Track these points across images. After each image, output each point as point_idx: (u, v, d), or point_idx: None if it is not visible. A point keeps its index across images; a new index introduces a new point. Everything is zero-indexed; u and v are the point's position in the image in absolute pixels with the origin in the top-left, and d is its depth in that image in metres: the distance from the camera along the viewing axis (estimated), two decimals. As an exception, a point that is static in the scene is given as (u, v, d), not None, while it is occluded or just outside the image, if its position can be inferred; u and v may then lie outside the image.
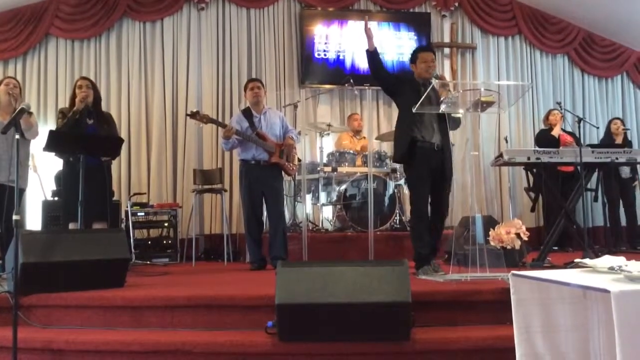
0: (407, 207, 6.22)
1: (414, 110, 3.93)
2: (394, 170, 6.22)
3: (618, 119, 7.13)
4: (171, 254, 6.11)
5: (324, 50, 7.54)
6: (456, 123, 4.29)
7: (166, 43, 7.13)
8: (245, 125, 5.12)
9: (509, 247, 3.71)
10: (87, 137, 4.43)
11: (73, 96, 4.65)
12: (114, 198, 5.82)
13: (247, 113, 5.22)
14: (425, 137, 4.19)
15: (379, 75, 4.38)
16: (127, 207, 6.02)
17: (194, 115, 5.08)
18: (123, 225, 5.94)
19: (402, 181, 6.26)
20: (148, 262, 5.74)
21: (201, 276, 4.73)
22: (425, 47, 4.98)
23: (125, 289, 3.65)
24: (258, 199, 5.10)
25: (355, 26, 7.63)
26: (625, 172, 6.74)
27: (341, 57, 7.58)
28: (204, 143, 7.04)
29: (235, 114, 5.76)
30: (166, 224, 6.22)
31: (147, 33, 7.13)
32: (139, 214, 6.12)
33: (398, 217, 6.20)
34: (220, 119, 6.55)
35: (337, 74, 7.40)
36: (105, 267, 3.63)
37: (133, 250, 5.73)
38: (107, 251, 3.70)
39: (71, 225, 4.35)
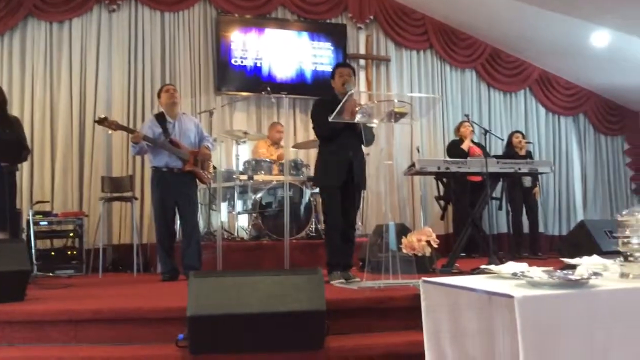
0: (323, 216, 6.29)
1: (330, 119, 3.96)
2: (310, 179, 6.25)
3: (519, 132, 7.52)
4: (76, 265, 5.80)
5: (242, 57, 7.47)
6: (370, 140, 4.37)
7: (74, 45, 6.79)
8: (158, 131, 4.97)
9: (420, 254, 3.81)
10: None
11: None
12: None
13: (160, 118, 5.06)
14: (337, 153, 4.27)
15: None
16: (29, 215, 5.67)
17: (102, 121, 4.87)
18: (24, 235, 5.58)
19: (317, 189, 6.29)
20: (51, 274, 5.45)
21: (108, 288, 4.54)
22: (343, 63, 5.06)
23: (25, 303, 3.46)
24: (171, 207, 4.97)
25: (273, 34, 7.63)
26: (528, 181, 7.11)
27: (259, 65, 7.54)
28: (114, 149, 6.76)
29: (147, 119, 5.57)
30: (71, 234, 5.91)
31: (53, 34, 6.76)
32: (41, 223, 5.78)
33: (314, 226, 6.23)
34: (131, 125, 6.33)
35: (255, 81, 7.35)
36: (4, 280, 3.41)
37: (34, 261, 5.39)
38: (6, 263, 3.49)
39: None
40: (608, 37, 7.36)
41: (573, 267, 2.02)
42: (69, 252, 5.88)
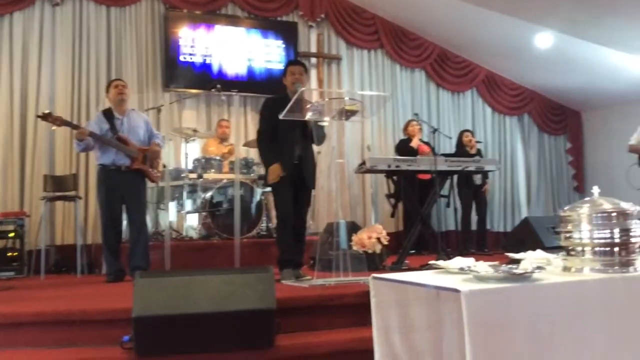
0: (274, 214, 6.25)
1: (280, 117, 3.94)
2: (261, 177, 6.20)
3: (468, 131, 7.68)
4: (17, 267, 5.60)
5: (190, 54, 7.35)
6: (321, 139, 4.38)
7: (15, 39, 6.52)
8: (105, 128, 4.82)
9: (370, 251, 3.84)
10: None
11: None
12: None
13: (108, 114, 4.91)
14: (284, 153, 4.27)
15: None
16: (-34, 216, 5.43)
17: (45, 117, 4.69)
18: (-40, 237, 5.36)
19: (268, 188, 6.26)
20: (-10, 277, 5.24)
21: (51, 290, 4.38)
22: (295, 61, 5.03)
23: (-39, 306, 3.30)
24: (117, 206, 4.83)
25: (223, 31, 7.53)
26: (478, 179, 7.26)
27: (208, 62, 7.43)
28: (57, 147, 6.53)
29: (95, 115, 5.40)
30: (11, 235, 5.68)
31: (-7, 28, 6.50)
32: (-21, 223, 5.55)
33: (265, 224, 6.19)
34: (75, 122, 6.13)
35: (204, 78, 7.25)
36: None
37: (-28, 264, 5.19)
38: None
39: None
40: (551, 39, 7.60)
41: (518, 261, 2.06)
42: (10, 254, 5.67)
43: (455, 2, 7.26)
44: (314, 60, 8.13)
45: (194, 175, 6.04)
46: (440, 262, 2.16)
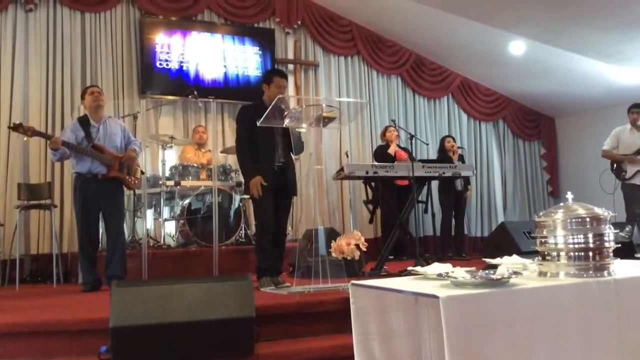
0: (253, 221, 6.23)
1: (258, 124, 3.95)
2: (239, 184, 6.18)
3: (450, 136, 7.72)
4: (-9, 278, 5.50)
5: (166, 60, 7.30)
6: (300, 147, 4.39)
7: (-13, 46, 6.44)
8: (81, 136, 4.75)
9: (349, 257, 3.85)
10: None
11: None
12: None
13: (84, 122, 4.85)
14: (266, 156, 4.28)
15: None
16: (-64, 226, 5.31)
17: (17, 127, 4.59)
18: None
19: (248, 195, 6.24)
20: (-38, 288, 5.13)
21: (26, 300, 4.30)
22: (282, 72, 5.01)
23: None
24: (94, 214, 4.77)
25: (199, 38, 7.51)
26: (459, 184, 7.28)
27: (184, 68, 7.39)
28: (31, 155, 6.41)
29: (71, 122, 5.32)
30: (-16, 245, 5.58)
31: (-36, 34, 6.38)
32: (-49, 233, 5.43)
33: (243, 231, 6.17)
34: (49, 131, 6.06)
35: (181, 85, 7.19)
36: None
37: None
38: None
39: None
40: (524, 47, 7.72)
41: (494, 267, 2.09)
42: (-17, 264, 5.55)
43: (431, 10, 7.34)
44: (291, 66, 8.14)
45: (171, 183, 5.99)
46: (419, 268, 2.18)
